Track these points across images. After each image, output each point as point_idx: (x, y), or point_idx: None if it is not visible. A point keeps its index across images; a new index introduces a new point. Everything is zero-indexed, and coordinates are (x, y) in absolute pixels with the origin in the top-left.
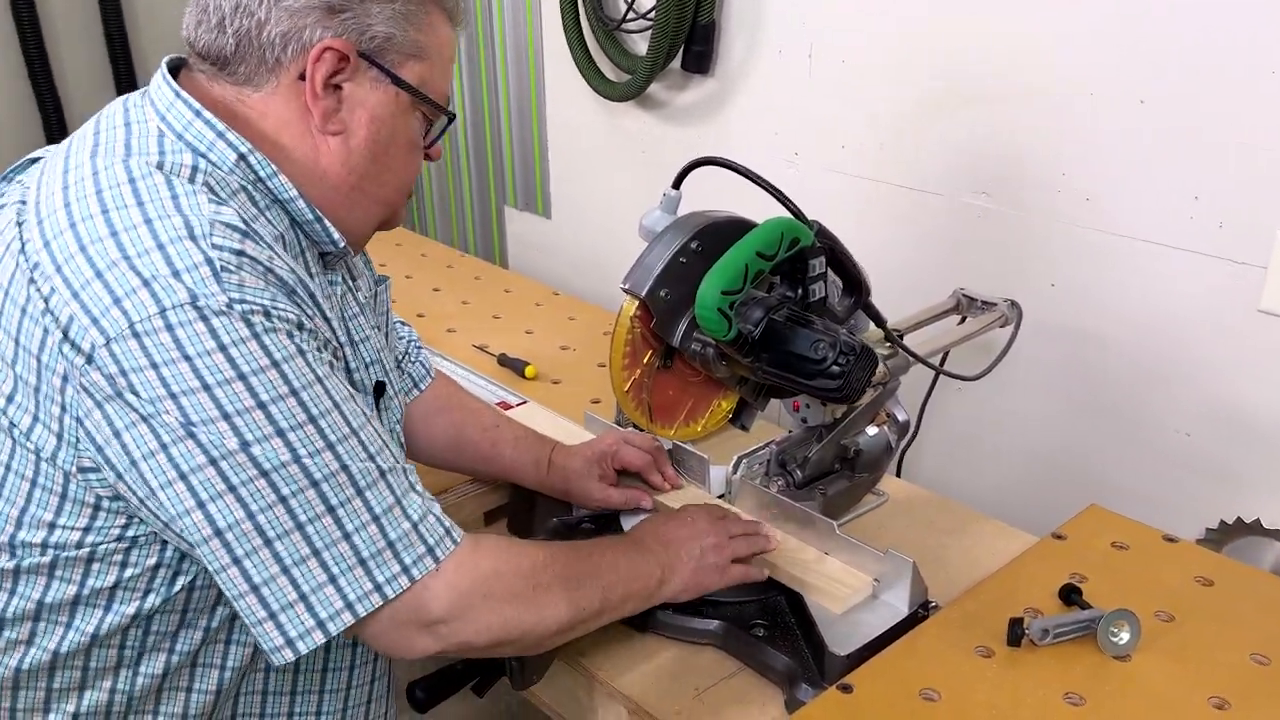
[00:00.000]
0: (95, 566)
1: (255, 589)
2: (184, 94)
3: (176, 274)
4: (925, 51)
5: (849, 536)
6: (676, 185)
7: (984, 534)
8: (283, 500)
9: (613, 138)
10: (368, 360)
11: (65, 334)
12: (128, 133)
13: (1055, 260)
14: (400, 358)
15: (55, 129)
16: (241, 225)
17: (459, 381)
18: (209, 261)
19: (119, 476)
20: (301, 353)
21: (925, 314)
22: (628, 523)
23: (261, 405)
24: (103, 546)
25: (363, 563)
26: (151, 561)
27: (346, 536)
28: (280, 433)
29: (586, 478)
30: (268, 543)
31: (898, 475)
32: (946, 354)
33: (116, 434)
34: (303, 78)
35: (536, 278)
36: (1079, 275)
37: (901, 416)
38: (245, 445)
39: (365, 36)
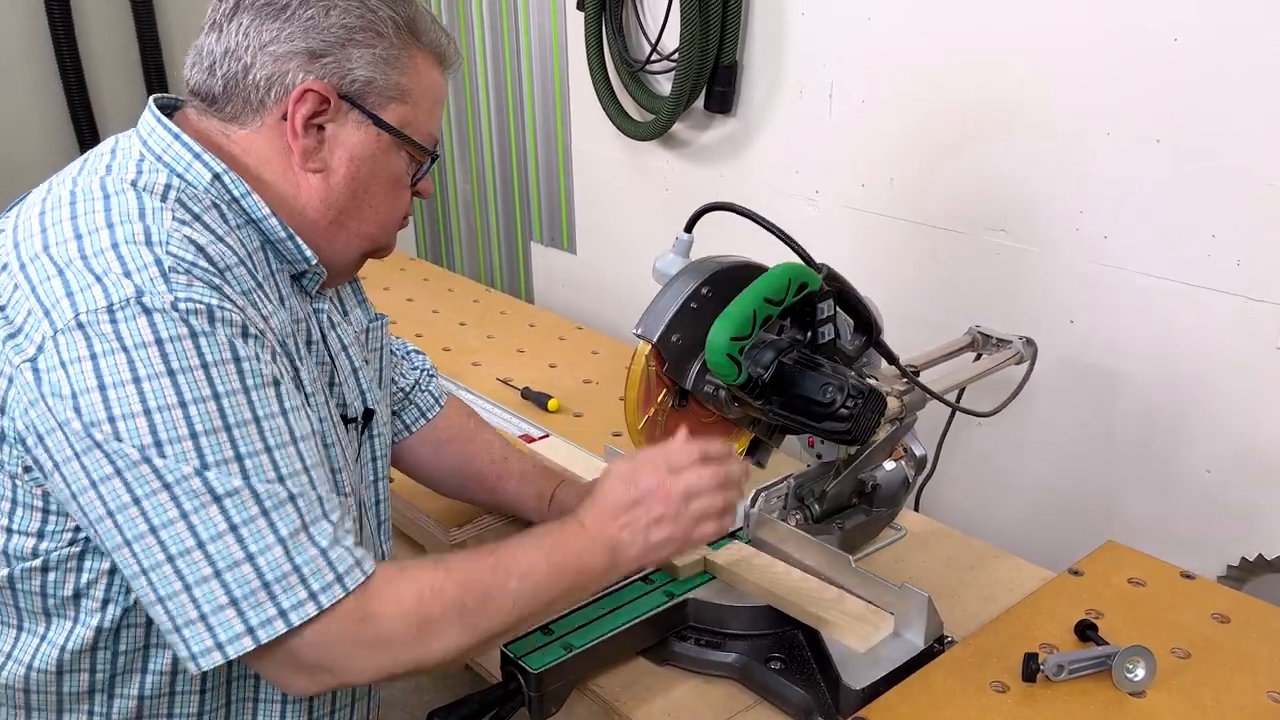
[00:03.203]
0: (51, 576)
1: (161, 601)
2: (165, 121)
3: (127, 273)
4: (944, 91)
5: (865, 571)
6: (689, 229)
7: (1000, 569)
8: (184, 515)
9: (637, 176)
10: (362, 388)
11: (18, 330)
12: (111, 157)
13: (1074, 297)
14: (410, 388)
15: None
16: (201, 243)
17: (481, 414)
18: (158, 262)
19: (46, 477)
20: (237, 360)
21: (941, 351)
22: None
23: (182, 404)
24: (55, 554)
25: (266, 587)
26: (105, 566)
27: (250, 558)
28: (193, 435)
29: None
30: (170, 559)
31: (915, 510)
32: (963, 390)
33: (40, 437)
34: (286, 118)
35: (561, 312)
36: (1098, 312)
37: (919, 451)
38: (156, 445)
39: (346, 80)
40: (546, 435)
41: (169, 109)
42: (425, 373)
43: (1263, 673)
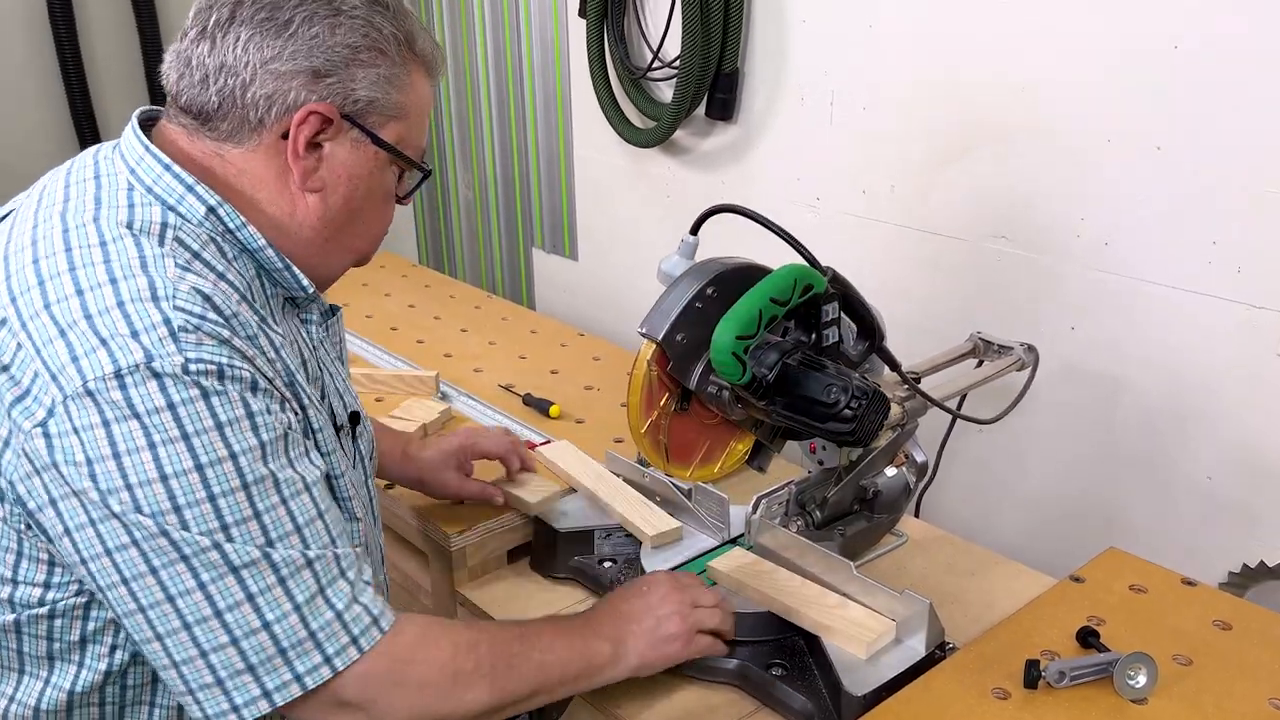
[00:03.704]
0: (58, 623)
1: (175, 665)
2: (153, 148)
3: (135, 334)
4: (944, 99)
5: (867, 577)
6: (694, 231)
7: (1002, 576)
8: (201, 586)
9: (638, 182)
10: (339, 390)
11: (26, 392)
12: (97, 186)
13: (1075, 304)
14: None
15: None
16: (207, 291)
17: (482, 420)
18: (167, 321)
19: (50, 542)
20: (250, 416)
21: (943, 357)
22: (648, 561)
23: (199, 467)
24: (62, 603)
25: (282, 653)
26: (111, 615)
27: (265, 626)
28: (211, 497)
29: (442, 469)
30: (186, 626)
31: (916, 516)
32: (964, 397)
33: (51, 502)
34: (285, 137)
35: (562, 319)
36: (1098, 319)
37: (920, 458)
38: (175, 509)
39: (349, 100)
40: (548, 441)
41: (149, 122)
42: None
43: (1264, 680)
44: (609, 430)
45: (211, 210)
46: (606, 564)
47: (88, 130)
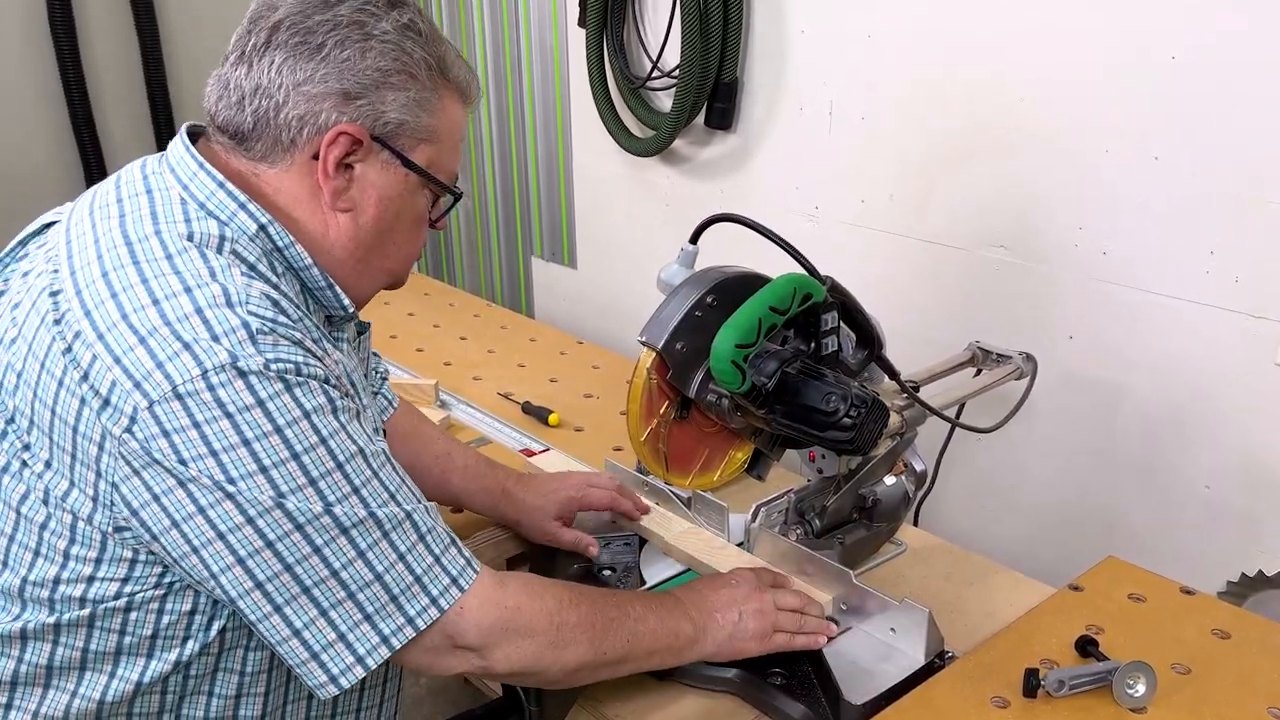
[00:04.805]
0: (134, 616)
1: (297, 633)
2: (208, 165)
3: (216, 338)
4: (943, 109)
5: (866, 585)
6: (694, 240)
7: (1001, 584)
8: (317, 550)
9: (637, 191)
10: (365, 405)
11: (106, 401)
12: (150, 201)
13: (1073, 313)
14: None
15: (96, 174)
16: (273, 297)
17: (483, 429)
18: (245, 325)
19: (154, 538)
20: (330, 402)
21: (941, 366)
22: (649, 572)
23: (295, 456)
24: (140, 595)
25: (394, 599)
26: (187, 607)
27: (378, 577)
28: (312, 481)
29: (545, 518)
30: (305, 590)
31: (915, 525)
32: (963, 405)
33: (155, 498)
34: (316, 157)
35: (561, 327)
36: (1097, 328)
37: (919, 466)
38: (280, 497)
39: (379, 121)
40: (547, 449)
41: (193, 137)
42: (380, 375)
43: (1263, 689)
44: (608, 438)
45: (262, 228)
46: (605, 572)
47: (86, 135)
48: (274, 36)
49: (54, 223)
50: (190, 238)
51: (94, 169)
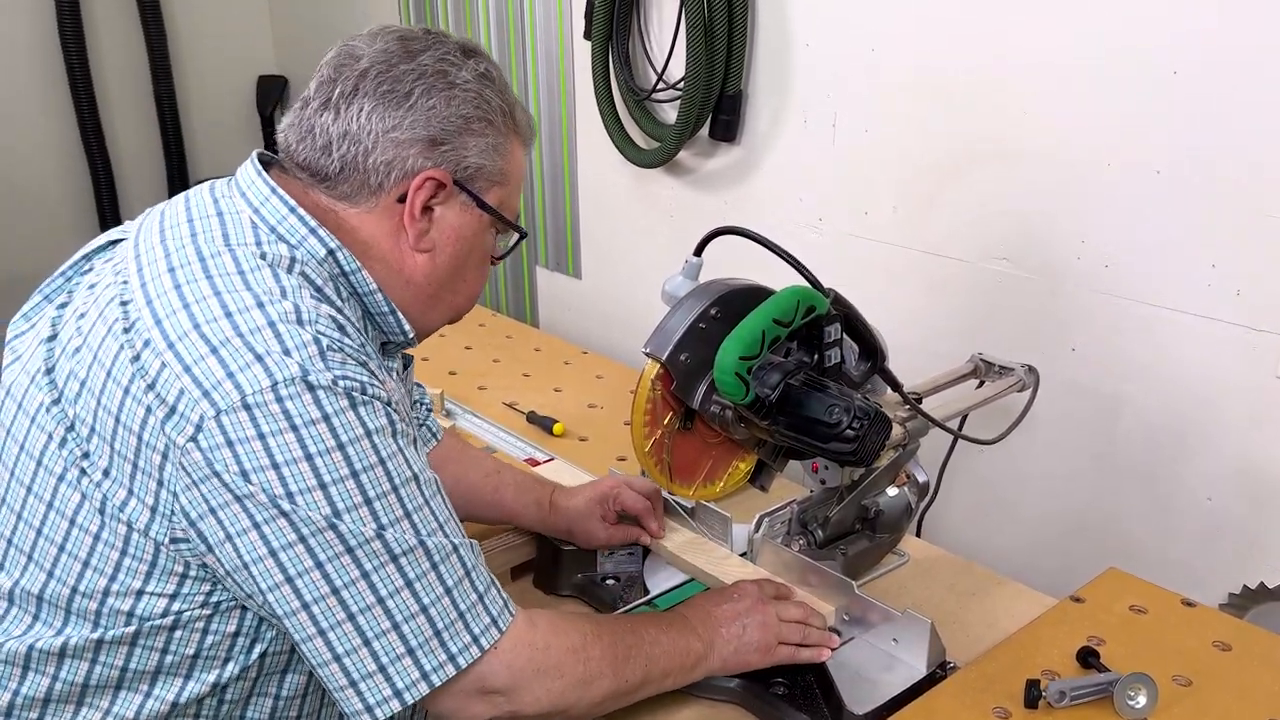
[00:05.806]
0: (178, 634)
1: (338, 659)
2: (279, 190)
3: (287, 351)
4: (946, 122)
5: (869, 596)
6: (698, 252)
7: (1003, 595)
8: (365, 575)
9: (642, 202)
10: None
11: (172, 410)
12: (222, 222)
13: (1075, 325)
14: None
15: (106, 202)
16: (339, 320)
17: (488, 438)
18: (316, 340)
19: (209, 550)
20: (391, 424)
21: (944, 378)
22: (652, 582)
23: (354, 474)
24: (187, 614)
25: (437, 634)
26: (231, 629)
27: (423, 609)
28: (367, 500)
29: (589, 518)
30: (350, 616)
31: (918, 536)
32: (965, 417)
33: (212, 510)
34: (401, 200)
35: (566, 337)
36: (1099, 340)
37: (921, 478)
38: (335, 516)
39: (460, 166)
40: (552, 459)
41: (265, 164)
42: (425, 406)
43: (1264, 701)
44: (612, 448)
45: (331, 253)
46: (609, 581)
47: (95, 143)
48: (361, 85)
49: (119, 240)
50: (263, 257)
51: (102, 178)
